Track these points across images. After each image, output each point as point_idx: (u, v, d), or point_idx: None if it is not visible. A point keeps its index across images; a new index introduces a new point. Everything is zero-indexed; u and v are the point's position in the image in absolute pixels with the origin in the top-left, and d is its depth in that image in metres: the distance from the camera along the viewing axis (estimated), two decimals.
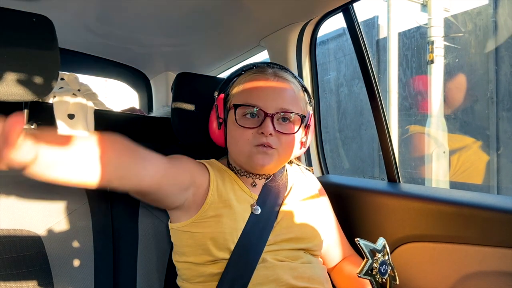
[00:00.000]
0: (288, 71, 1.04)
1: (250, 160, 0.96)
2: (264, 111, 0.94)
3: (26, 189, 0.93)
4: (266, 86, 0.97)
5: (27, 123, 1.03)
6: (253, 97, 0.96)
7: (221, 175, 1.01)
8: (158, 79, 2.34)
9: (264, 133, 0.93)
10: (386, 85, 4.69)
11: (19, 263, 0.89)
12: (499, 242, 0.95)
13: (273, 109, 0.95)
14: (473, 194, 1.08)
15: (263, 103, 0.95)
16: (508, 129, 4.01)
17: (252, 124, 0.95)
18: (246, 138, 0.95)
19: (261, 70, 1.01)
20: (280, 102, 0.96)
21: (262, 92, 0.97)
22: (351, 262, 1.10)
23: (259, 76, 0.99)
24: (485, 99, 4.18)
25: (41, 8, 1.46)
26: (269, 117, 0.93)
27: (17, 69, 0.92)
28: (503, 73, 4.05)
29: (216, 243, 0.91)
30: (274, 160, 0.96)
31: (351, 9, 1.32)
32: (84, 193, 1.00)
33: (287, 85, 0.99)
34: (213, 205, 0.94)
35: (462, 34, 4.34)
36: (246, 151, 0.96)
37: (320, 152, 1.58)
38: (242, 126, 0.95)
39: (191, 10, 1.47)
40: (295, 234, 0.98)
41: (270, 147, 0.94)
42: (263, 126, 0.93)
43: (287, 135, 0.97)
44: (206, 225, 0.93)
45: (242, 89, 1.00)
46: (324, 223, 1.09)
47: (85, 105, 1.11)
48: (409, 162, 4.83)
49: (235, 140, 0.98)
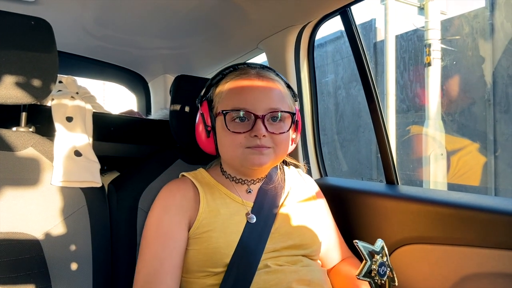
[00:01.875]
0: (271, 69, 1.02)
1: (245, 161, 0.95)
2: (254, 113, 0.93)
3: (24, 192, 0.93)
4: (252, 87, 0.95)
5: (25, 126, 1.03)
6: (241, 101, 0.94)
7: (210, 190, 1.00)
8: (156, 82, 2.34)
9: (257, 135, 0.92)
10: (384, 88, 4.71)
11: (17, 267, 0.88)
12: (498, 244, 0.95)
13: (263, 110, 0.93)
14: (471, 196, 1.08)
15: (252, 105, 0.93)
16: (506, 131, 4.02)
17: (243, 128, 0.94)
18: (238, 142, 0.94)
19: (243, 72, 0.98)
20: (268, 102, 0.94)
21: (249, 94, 0.95)
22: (349, 264, 1.10)
23: (243, 78, 0.97)
24: (483, 101, 4.19)
25: (40, 11, 1.46)
26: (259, 119, 0.92)
27: (15, 72, 0.92)
28: (500, 75, 4.07)
29: (211, 258, 0.91)
30: (271, 159, 0.96)
31: (349, 12, 1.33)
32: (83, 196, 1.00)
33: (273, 84, 0.98)
34: (204, 221, 0.94)
35: (459, 37, 4.36)
36: (239, 154, 0.95)
37: (318, 154, 1.58)
38: (234, 131, 0.94)
39: (189, 13, 1.47)
40: (294, 242, 0.98)
41: (264, 147, 0.94)
42: (255, 128, 0.92)
43: (279, 134, 0.96)
44: (199, 242, 0.93)
45: (227, 93, 0.97)
46: (323, 226, 1.08)
47: (83, 108, 1.11)
48: (407, 164, 4.84)
49: (227, 146, 0.97)
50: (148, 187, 1.09)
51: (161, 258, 0.90)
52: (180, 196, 0.97)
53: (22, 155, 0.95)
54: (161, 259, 0.90)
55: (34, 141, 0.98)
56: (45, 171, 0.97)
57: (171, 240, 0.92)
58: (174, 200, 0.97)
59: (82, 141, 1.05)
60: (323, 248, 1.08)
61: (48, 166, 0.97)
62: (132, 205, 1.06)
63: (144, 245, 0.93)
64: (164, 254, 0.90)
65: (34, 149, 0.97)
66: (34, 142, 0.98)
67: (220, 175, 1.05)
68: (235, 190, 1.02)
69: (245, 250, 0.92)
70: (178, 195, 0.98)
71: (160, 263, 0.89)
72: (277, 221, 0.99)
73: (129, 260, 1.04)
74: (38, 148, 0.98)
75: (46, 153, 0.98)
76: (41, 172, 0.96)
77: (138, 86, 2.41)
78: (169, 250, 0.91)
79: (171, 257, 0.90)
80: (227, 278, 0.89)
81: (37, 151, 0.97)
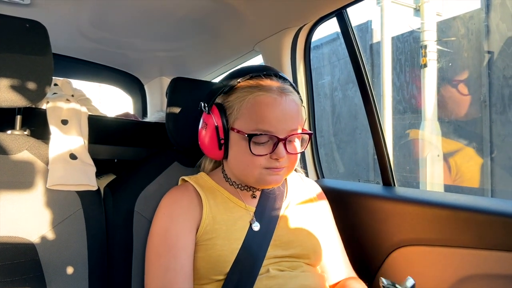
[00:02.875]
0: (287, 80, 0.99)
1: (262, 181, 0.94)
2: (277, 137, 0.91)
3: (19, 195, 0.93)
4: (275, 107, 0.92)
5: (20, 129, 1.02)
6: (265, 123, 0.90)
7: (213, 194, 0.99)
8: (152, 84, 2.34)
9: (278, 159, 0.91)
10: (380, 89, 4.72)
11: (12, 271, 0.87)
12: (495, 245, 0.95)
13: (285, 132, 0.92)
14: (468, 198, 1.08)
15: (275, 128, 0.91)
16: (502, 132, 4.03)
17: (265, 151, 0.92)
18: (258, 163, 0.92)
19: (266, 87, 0.93)
20: (290, 124, 0.92)
21: (272, 116, 0.91)
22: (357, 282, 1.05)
23: (266, 97, 0.92)
24: (478, 102, 4.21)
25: (34, 13, 1.46)
26: (282, 143, 0.91)
27: (10, 75, 0.91)
28: (495, 76, 4.09)
29: (214, 266, 0.90)
30: (285, 176, 0.98)
31: (345, 14, 1.33)
32: (78, 200, 0.99)
33: (293, 102, 0.95)
34: (208, 227, 0.93)
35: (455, 38, 4.38)
36: (256, 174, 0.93)
37: (315, 156, 1.58)
38: (256, 154, 0.91)
39: (186, 15, 1.47)
40: (296, 251, 0.97)
41: (282, 168, 0.94)
42: (277, 152, 0.91)
43: (296, 154, 0.96)
44: (202, 249, 0.92)
45: (249, 109, 0.93)
46: (325, 235, 1.07)
47: (78, 111, 1.11)
48: (404, 166, 4.85)
49: (244, 165, 0.95)
50: (144, 190, 1.08)
51: (175, 270, 0.88)
52: (186, 204, 0.96)
53: (17, 158, 0.95)
54: (175, 270, 0.88)
55: (29, 145, 0.97)
56: (40, 174, 0.96)
57: (182, 250, 0.90)
58: (181, 208, 0.95)
59: (78, 144, 1.04)
60: (325, 259, 1.05)
61: (43, 169, 0.97)
62: (128, 208, 1.05)
63: (154, 257, 0.91)
64: (177, 265, 0.89)
65: (29, 153, 0.96)
66: (29, 145, 0.97)
67: (223, 180, 1.04)
68: (238, 195, 1.01)
69: (247, 257, 0.91)
70: (184, 202, 0.96)
71: (174, 275, 0.88)
72: (279, 228, 0.98)
73: (125, 264, 1.03)
74: (33, 152, 0.97)
75: (41, 157, 0.98)
76: (36, 176, 0.95)
77: (134, 89, 2.40)
78: (182, 260, 0.89)
79: (184, 268, 0.89)
80: (228, 284, 0.89)
81: (32, 154, 0.97)
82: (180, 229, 0.92)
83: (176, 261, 0.89)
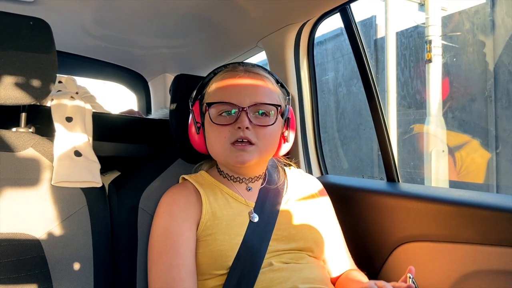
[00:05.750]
0: (261, 67, 1.04)
1: (229, 158, 0.95)
2: (238, 106, 0.94)
3: (24, 192, 0.93)
4: (238, 82, 0.98)
5: (25, 127, 1.03)
6: (226, 95, 0.96)
7: (213, 191, 1.00)
8: (156, 81, 2.34)
9: (240, 127, 0.93)
10: (385, 85, 4.70)
11: (18, 267, 0.88)
12: (499, 241, 0.95)
13: (247, 103, 0.95)
14: (472, 193, 1.08)
15: (237, 98, 0.95)
16: (507, 127, 4.01)
17: (228, 121, 0.95)
18: (223, 136, 0.95)
19: (232, 69, 1.01)
20: (254, 96, 0.96)
21: (235, 89, 0.97)
22: (357, 272, 1.06)
23: (230, 74, 1.00)
24: (483, 97, 4.18)
25: (38, 11, 1.46)
26: (244, 111, 0.93)
27: (14, 72, 0.92)
28: (501, 71, 4.06)
29: (216, 261, 0.91)
30: (255, 157, 0.96)
31: (348, 9, 1.32)
32: (83, 196, 1.00)
33: (260, 79, 0.99)
34: (208, 223, 0.94)
35: (460, 33, 4.35)
36: (223, 150, 0.96)
37: (319, 152, 1.58)
38: (218, 124, 0.95)
39: (189, 12, 1.47)
40: (298, 244, 0.97)
41: (249, 143, 0.94)
42: (239, 120, 0.93)
43: (264, 128, 0.96)
44: (203, 245, 0.93)
45: (215, 89, 1.00)
46: (327, 228, 1.07)
47: (83, 108, 1.11)
48: (408, 162, 4.83)
49: (213, 141, 0.98)
50: (148, 187, 1.09)
51: (178, 266, 0.89)
52: (184, 202, 0.97)
53: (22, 155, 0.95)
54: (178, 267, 0.89)
55: (34, 142, 0.98)
56: (45, 171, 0.97)
57: (183, 247, 0.91)
58: (178, 207, 0.96)
59: (82, 141, 1.05)
60: (327, 253, 1.06)
61: (48, 166, 0.97)
62: (133, 205, 1.06)
63: (156, 255, 0.92)
64: (180, 262, 0.89)
65: (34, 150, 0.97)
66: (34, 142, 0.98)
67: (218, 175, 1.05)
68: (236, 190, 1.02)
69: (248, 251, 0.91)
70: (182, 200, 0.97)
71: (178, 271, 0.88)
72: (280, 222, 0.98)
73: (130, 260, 1.04)
74: (38, 149, 0.98)
75: (46, 154, 0.98)
76: (41, 173, 0.96)
77: (138, 85, 2.41)
78: (184, 257, 0.90)
79: (187, 264, 0.90)
80: (230, 279, 0.89)
81: (37, 151, 0.97)
82: (180, 226, 0.93)
83: (178, 258, 0.90)
